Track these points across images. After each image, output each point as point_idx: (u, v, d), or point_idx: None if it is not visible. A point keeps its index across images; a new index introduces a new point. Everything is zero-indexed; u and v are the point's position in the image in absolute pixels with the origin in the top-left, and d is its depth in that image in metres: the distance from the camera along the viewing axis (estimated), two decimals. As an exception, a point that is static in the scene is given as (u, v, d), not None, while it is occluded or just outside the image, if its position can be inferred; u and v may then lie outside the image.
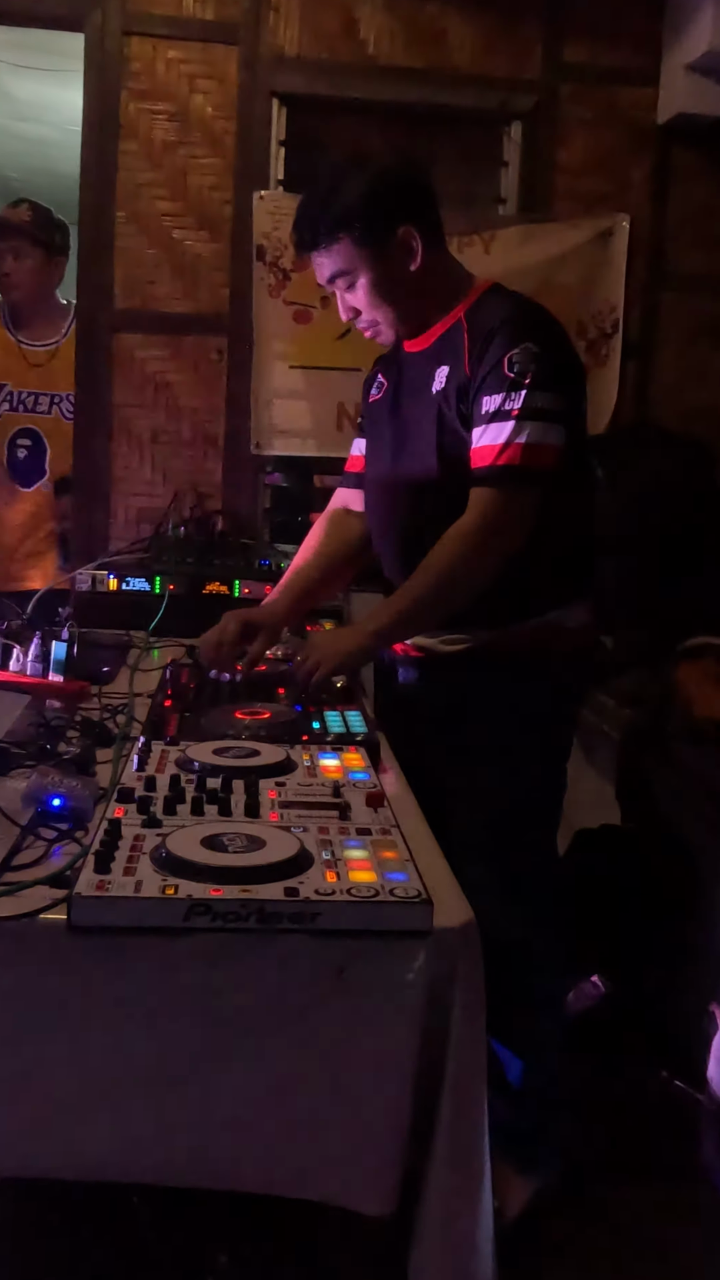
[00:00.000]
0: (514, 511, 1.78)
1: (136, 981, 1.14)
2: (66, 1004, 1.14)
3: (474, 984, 1.18)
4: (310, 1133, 1.17)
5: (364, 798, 1.41)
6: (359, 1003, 1.15)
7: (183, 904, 1.12)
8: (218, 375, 3.57)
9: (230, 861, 1.18)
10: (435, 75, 3.51)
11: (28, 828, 1.31)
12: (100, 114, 3.45)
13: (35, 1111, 1.16)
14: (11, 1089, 1.15)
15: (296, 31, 3.46)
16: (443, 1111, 1.17)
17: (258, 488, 3.64)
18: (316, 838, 1.27)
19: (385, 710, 1.99)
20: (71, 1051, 1.15)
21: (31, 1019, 1.14)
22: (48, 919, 1.13)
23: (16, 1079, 1.15)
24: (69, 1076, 1.15)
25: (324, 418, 3.53)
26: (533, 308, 1.86)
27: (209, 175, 3.49)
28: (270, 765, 1.51)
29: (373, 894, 1.14)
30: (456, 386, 1.81)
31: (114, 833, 1.24)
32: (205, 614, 2.38)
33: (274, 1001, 1.15)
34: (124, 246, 3.49)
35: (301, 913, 1.12)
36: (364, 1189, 1.19)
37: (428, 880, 1.19)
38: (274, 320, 3.52)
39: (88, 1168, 1.21)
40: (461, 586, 1.80)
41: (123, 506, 3.58)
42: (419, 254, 1.83)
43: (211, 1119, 1.17)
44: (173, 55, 3.43)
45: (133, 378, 3.54)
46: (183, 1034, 1.15)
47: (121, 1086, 1.16)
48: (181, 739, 1.61)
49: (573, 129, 3.60)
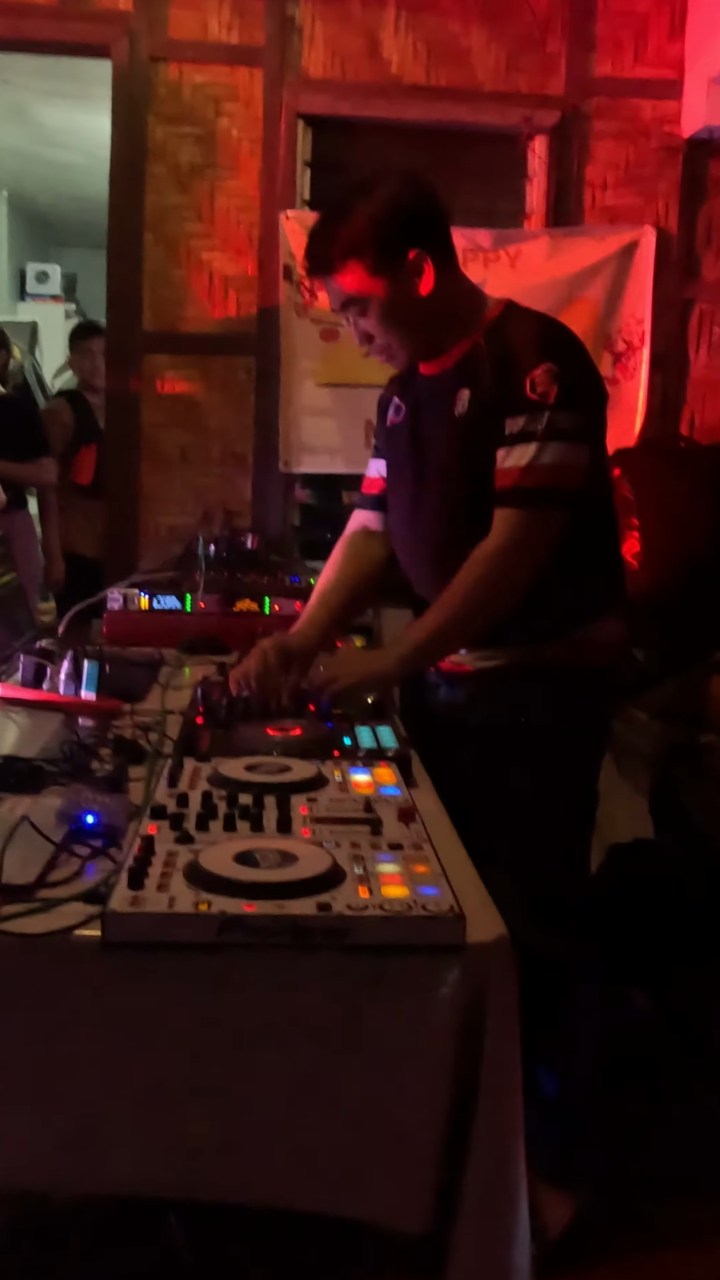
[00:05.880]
0: (540, 532, 1.78)
1: (169, 997, 1.14)
2: (100, 1019, 1.15)
3: (508, 999, 1.18)
4: (344, 1149, 1.17)
5: (396, 813, 1.41)
6: (392, 1018, 1.15)
7: (216, 920, 1.12)
8: (246, 394, 3.60)
9: (263, 877, 1.18)
10: (459, 93, 3.53)
11: (62, 845, 1.31)
12: (128, 138, 3.50)
13: (69, 1126, 1.16)
14: (45, 1104, 1.15)
15: (321, 53, 3.49)
16: (478, 1127, 1.16)
17: (286, 505, 3.66)
18: (348, 853, 1.27)
19: (417, 725, 1.99)
20: (105, 1067, 1.15)
21: (66, 1034, 1.15)
22: (82, 935, 1.13)
23: (50, 1094, 1.15)
24: (102, 1092, 1.15)
25: (352, 435, 3.55)
26: (553, 326, 1.86)
27: (235, 197, 3.53)
28: (302, 781, 1.51)
29: (405, 909, 1.14)
30: (479, 409, 1.81)
31: (147, 849, 1.24)
32: (236, 631, 2.39)
33: (307, 1017, 1.15)
34: (152, 268, 3.53)
35: (334, 928, 1.12)
36: (399, 1206, 1.18)
37: (460, 895, 1.18)
38: (301, 339, 3.54)
39: (122, 1183, 1.21)
40: (488, 608, 1.81)
41: (153, 525, 3.60)
42: (431, 277, 1.83)
43: (245, 1135, 1.16)
44: (199, 79, 3.48)
45: (162, 398, 3.58)
46: (216, 1049, 1.15)
47: (155, 1102, 1.16)
48: (213, 755, 1.62)
49: (598, 143, 3.62)
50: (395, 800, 1.47)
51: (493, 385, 1.80)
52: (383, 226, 1.80)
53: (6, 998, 1.14)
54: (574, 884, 1.95)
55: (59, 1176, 1.20)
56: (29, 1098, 1.15)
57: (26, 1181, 1.29)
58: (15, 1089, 1.15)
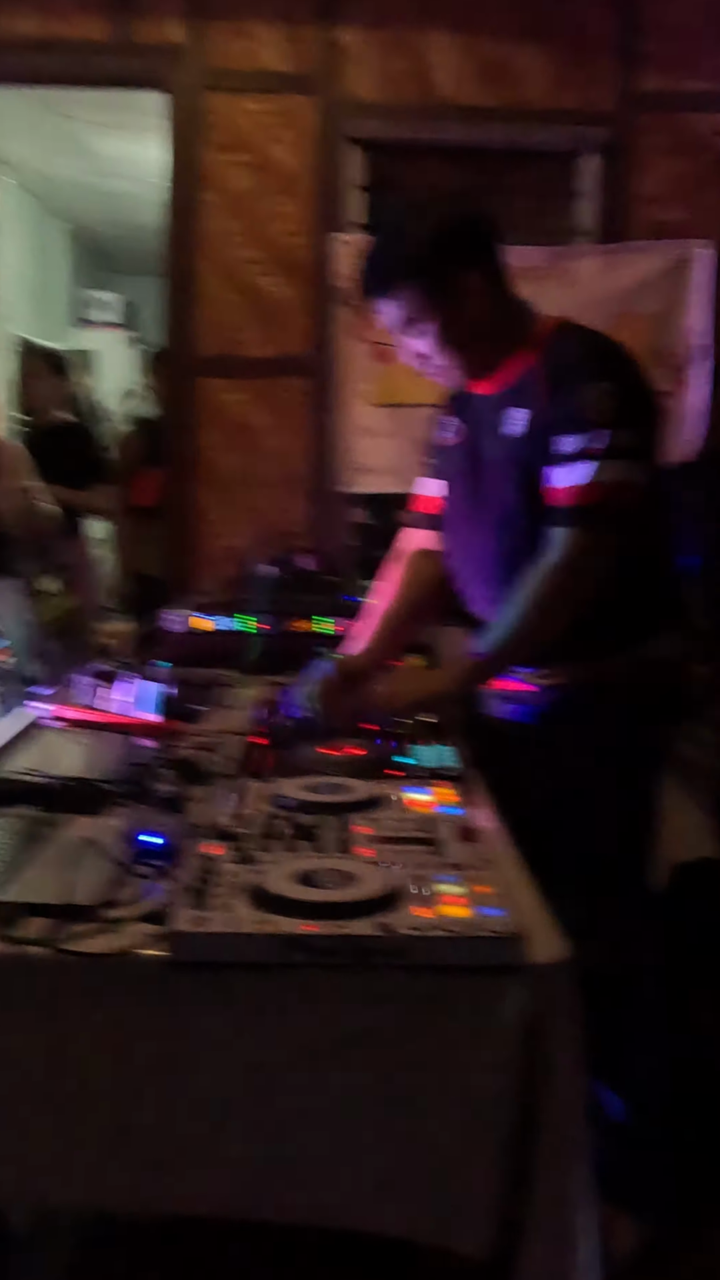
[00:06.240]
0: (595, 551, 1.77)
1: (232, 1016, 1.15)
2: (164, 1039, 1.16)
3: (571, 1020, 1.17)
4: (405, 1170, 1.16)
5: (456, 832, 1.41)
6: (453, 1039, 1.15)
7: (278, 940, 1.12)
8: (301, 416, 3.62)
9: (324, 897, 1.19)
10: (509, 113, 3.54)
11: (125, 865, 1.33)
12: (182, 167, 3.56)
13: (134, 1147, 1.17)
14: (112, 1123, 1.17)
15: (371, 78, 3.52)
16: (542, 1150, 1.15)
17: (343, 525, 3.68)
18: (409, 873, 1.27)
19: (476, 744, 1.98)
20: (170, 1085, 1.16)
21: (130, 1053, 1.16)
22: (146, 954, 1.15)
23: (115, 1114, 1.16)
24: (166, 1111, 1.16)
25: (407, 454, 3.55)
26: (608, 345, 1.86)
27: (289, 222, 3.56)
28: (362, 801, 1.52)
29: (466, 929, 1.14)
30: (535, 428, 1.81)
31: (209, 869, 1.25)
32: (294, 652, 2.40)
33: (368, 1037, 1.15)
34: (207, 294, 3.57)
35: (395, 948, 1.12)
36: (461, 1228, 1.18)
37: (522, 915, 1.18)
38: (355, 360, 3.57)
39: (185, 1203, 1.21)
40: (545, 626, 1.80)
41: (210, 547, 3.64)
42: (483, 298, 1.84)
43: (307, 1155, 1.16)
44: (251, 107, 3.52)
45: (218, 422, 3.62)
46: (277, 1069, 1.16)
47: (217, 1121, 1.16)
48: (273, 776, 1.63)
49: (649, 159, 3.60)
50: (456, 820, 1.46)
51: (548, 404, 1.80)
52: (435, 248, 1.81)
53: (72, 1017, 1.16)
54: (638, 903, 1.93)
55: (127, 1196, 1.21)
56: (95, 1117, 1.16)
57: (95, 1201, 1.30)
58: (82, 1109, 1.16)
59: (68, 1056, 1.16)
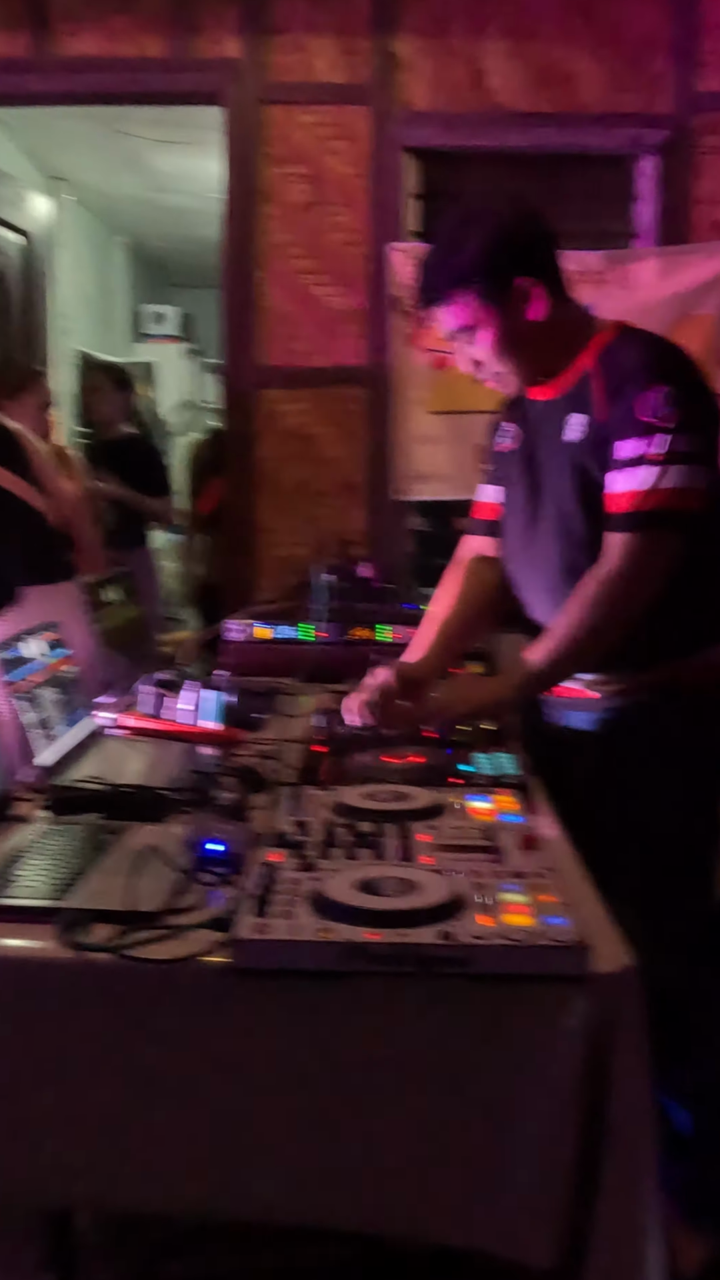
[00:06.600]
0: (657, 555, 1.76)
1: (293, 1023, 1.15)
2: (226, 1045, 1.16)
3: (635, 1031, 1.15)
4: (467, 1178, 1.16)
5: (518, 840, 1.40)
6: (516, 1049, 1.14)
7: (339, 948, 1.13)
8: (358, 425, 3.64)
9: (385, 905, 1.19)
10: (565, 117, 3.53)
11: (188, 872, 1.34)
12: (239, 181, 3.59)
13: (196, 1152, 1.17)
14: (172, 1129, 1.17)
15: (425, 86, 3.53)
16: (608, 1163, 1.14)
17: (401, 533, 3.69)
18: (470, 881, 1.27)
19: (537, 751, 1.97)
20: (232, 1091, 1.16)
21: (193, 1059, 1.16)
22: (208, 961, 1.15)
23: (178, 1120, 1.17)
24: (228, 1118, 1.17)
25: (464, 461, 3.55)
26: (667, 348, 1.84)
27: (344, 232, 3.58)
28: (422, 809, 1.52)
29: (529, 938, 1.13)
30: (593, 434, 1.80)
31: (270, 877, 1.26)
32: (353, 660, 2.41)
33: (430, 1046, 1.15)
34: (265, 306, 3.60)
35: (457, 957, 1.12)
36: (525, 1238, 1.17)
37: (585, 925, 1.17)
38: (411, 368, 3.57)
39: (248, 1209, 1.21)
40: (606, 632, 1.79)
41: (270, 556, 3.66)
42: (540, 303, 1.83)
43: (368, 1162, 1.16)
44: (306, 119, 3.55)
45: (277, 432, 3.64)
46: (338, 1077, 1.16)
47: (279, 1128, 1.17)
48: (333, 784, 1.63)
49: (707, 159, 3.57)
50: (517, 828, 1.46)
51: (606, 409, 1.79)
52: (491, 255, 1.81)
53: (135, 1022, 1.17)
54: (702, 912, 1.91)
55: (187, 1199, 1.21)
56: (158, 1123, 1.17)
57: (158, 1206, 1.31)
58: (144, 1114, 1.17)
59: (131, 1062, 1.17)
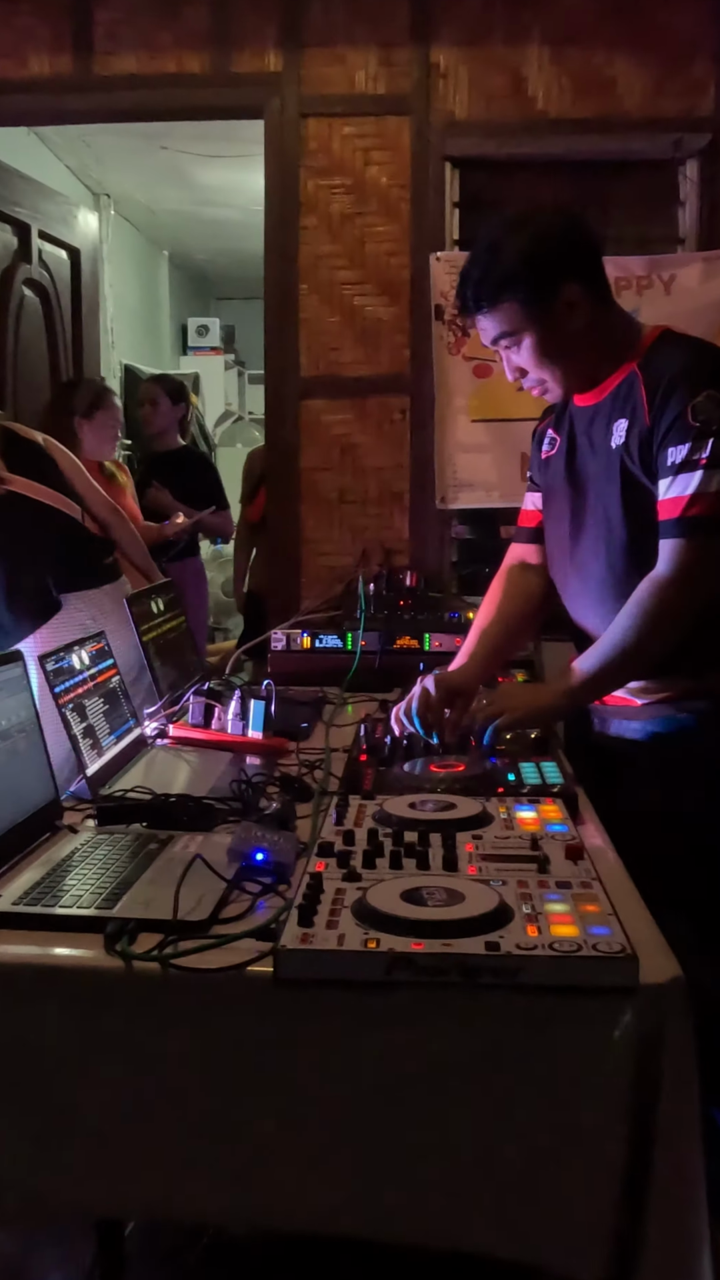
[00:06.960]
0: (707, 563, 1.74)
1: (338, 1033, 1.16)
2: (270, 1054, 1.17)
3: (683, 1043, 1.14)
4: (514, 1191, 1.15)
5: (563, 850, 1.39)
6: (562, 1060, 1.13)
7: (384, 958, 1.13)
8: (401, 434, 3.64)
9: (430, 915, 1.18)
10: (606, 123, 3.51)
11: (233, 882, 1.35)
12: (281, 193, 3.61)
13: (240, 1161, 1.18)
14: (216, 1139, 1.18)
15: (466, 96, 3.53)
16: (657, 1175, 1.12)
17: (444, 542, 3.68)
18: (516, 891, 1.26)
19: (582, 760, 1.96)
20: (277, 1101, 1.17)
21: (238, 1068, 1.17)
22: (254, 971, 1.16)
23: (221, 1129, 1.18)
24: (272, 1127, 1.17)
25: (507, 469, 3.55)
26: (712, 352, 1.83)
27: (386, 242, 3.59)
28: (467, 818, 1.51)
29: (575, 949, 1.12)
30: (638, 439, 1.79)
31: (316, 886, 1.26)
32: (397, 668, 2.41)
33: (476, 1056, 1.14)
34: (307, 316, 3.62)
35: (503, 967, 1.11)
36: (572, 1251, 1.16)
37: (632, 935, 1.16)
38: (454, 376, 3.57)
39: (292, 1217, 1.21)
40: (658, 640, 1.78)
41: (313, 566, 3.67)
42: (584, 310, 1.82)
43: (414, 1173, 1.16)
44: (347, 131, 3.56)
45: (320, 442, 3.65)
46: (384, 1087, 1.15)
47: (324, 1137, 1.17)
48: (377, 793, 1.63)
49: (752, 162, 3.53)
50: (562, 837, 1.45)
51: (650, 414, 1.78)
52: (533, 262, 1.81)
53: (179, 1031, 1.18)
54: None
55: (233, 1208, 1.21)
56: (204, 1130, 1.18)
57: (202, 1215, 1.32)
58: (189, 1123, 1.18)
59: (175, 1071, 1.18)
